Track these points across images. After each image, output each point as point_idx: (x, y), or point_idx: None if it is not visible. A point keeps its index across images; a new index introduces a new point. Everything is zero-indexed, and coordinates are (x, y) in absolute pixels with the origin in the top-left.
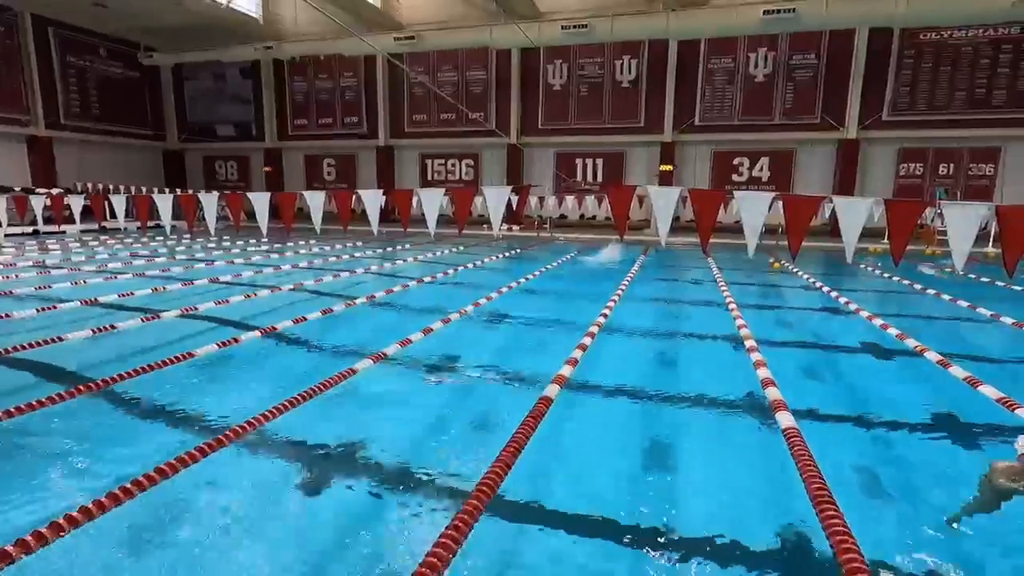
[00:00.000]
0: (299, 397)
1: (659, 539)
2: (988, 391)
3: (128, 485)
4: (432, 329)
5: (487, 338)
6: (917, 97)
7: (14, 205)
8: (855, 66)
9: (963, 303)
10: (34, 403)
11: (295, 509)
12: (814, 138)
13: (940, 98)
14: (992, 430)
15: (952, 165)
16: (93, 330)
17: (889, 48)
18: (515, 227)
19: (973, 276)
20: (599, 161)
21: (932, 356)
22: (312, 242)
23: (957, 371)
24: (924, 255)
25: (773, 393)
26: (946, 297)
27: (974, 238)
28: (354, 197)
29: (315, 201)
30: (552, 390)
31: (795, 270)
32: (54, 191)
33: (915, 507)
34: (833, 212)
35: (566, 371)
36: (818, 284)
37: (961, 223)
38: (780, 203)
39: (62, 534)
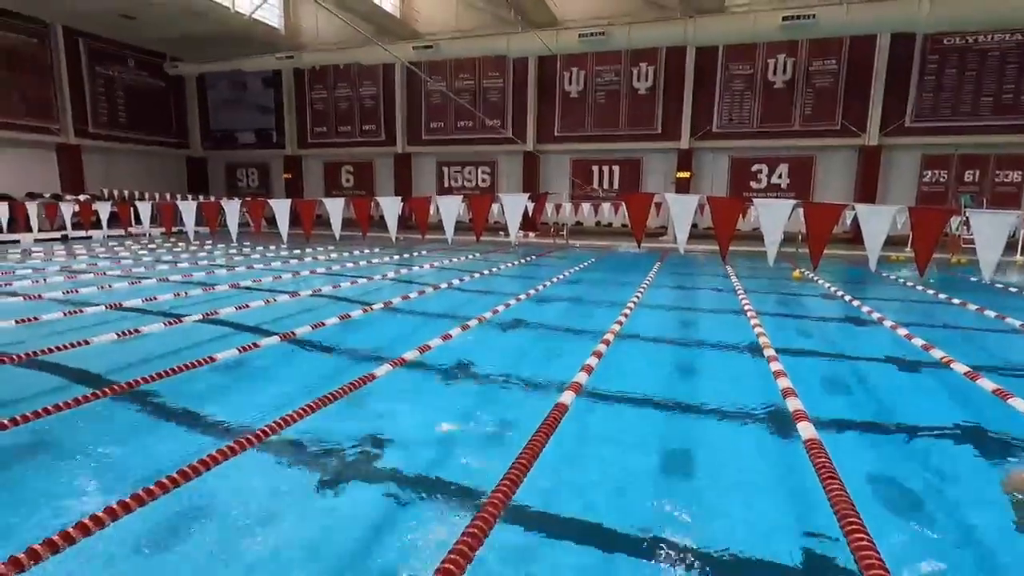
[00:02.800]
0: (318, 402)
1: (674, 551)
2: (1018, 404)
3: (152, 487)
4: (450, 335)
5: (504, 344)
6: (941, 103)
7: (44, 211)
8: (876, 72)
9: (991, 313)
10: (60, 404)
11: (312, 514)
12: (834, 144)
13: (965, 104)
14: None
15: (978, 172)
16: (118, 334)
17: (911, 53)
18: (531, 234)
19: (1001, 285)
20: (615, 168)
21: (959, 368)
22: (331, 248)
23: (986, 383)
24: (949, 264)
25: (794, 403)
26: (973, 307)
27: (1003, 247)
28: (372, 204)
29: (334, 208)
30: (568, 397)
31: (816, 279)
32: (82, 198)
33: (942, 522)
34: (855, 220)
35: (582, 378)
36: (840, 293)
37: (988, 231)
38: (800, 211)
39: (88, 535)
